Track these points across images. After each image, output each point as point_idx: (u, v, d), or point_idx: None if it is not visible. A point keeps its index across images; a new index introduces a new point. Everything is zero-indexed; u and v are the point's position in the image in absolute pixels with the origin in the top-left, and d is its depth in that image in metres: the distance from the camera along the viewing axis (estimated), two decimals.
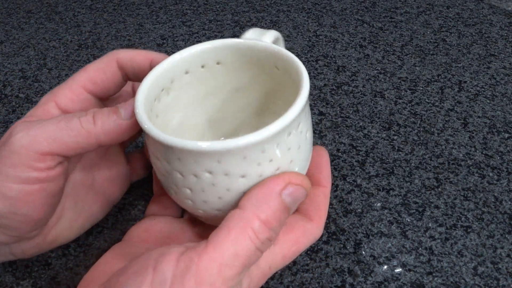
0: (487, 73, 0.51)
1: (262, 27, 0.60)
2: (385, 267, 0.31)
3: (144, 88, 0.26)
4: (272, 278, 0.30)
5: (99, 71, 0.29)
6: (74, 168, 0.30)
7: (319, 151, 0.30)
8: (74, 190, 0.30)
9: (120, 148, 0.33)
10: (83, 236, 0.33)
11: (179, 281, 0.21)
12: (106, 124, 0.26)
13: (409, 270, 0.31)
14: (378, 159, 0.40)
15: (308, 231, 0.27)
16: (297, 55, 0.54)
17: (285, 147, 0.23)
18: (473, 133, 0.43)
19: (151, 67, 0.29)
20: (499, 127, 0.43)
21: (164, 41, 0.57)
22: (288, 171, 0.24)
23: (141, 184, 0.37)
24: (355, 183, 0.37)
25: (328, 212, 0.35)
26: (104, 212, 0.32)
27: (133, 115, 0.26)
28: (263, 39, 0.28)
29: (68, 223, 0.30)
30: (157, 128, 0.23)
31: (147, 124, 0.23)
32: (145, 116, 0.24)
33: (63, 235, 0.30)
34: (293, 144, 0.24)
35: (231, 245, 0.22)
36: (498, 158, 0.40)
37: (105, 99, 0.31)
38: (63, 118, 0.26)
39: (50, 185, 0.26)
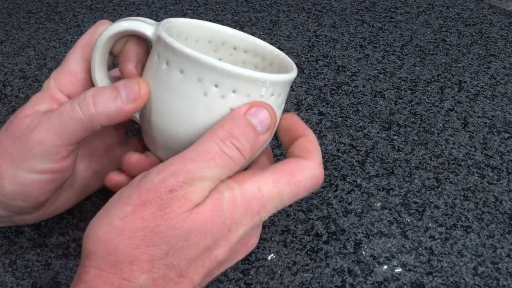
0: (487, 73, 0.51)
1: (262, 27, 0.60)
2: (385, 267, 0.31)
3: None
4: (272, 278, 0.30)
5: (89, 47, 0.30)
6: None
7: (288, 116, 0.31)
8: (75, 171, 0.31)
9: (122, 131, 0.34)
10: (83, 236, 0.33)
11: (143, 176, 0.24)
12: (107, 109, 0.26)
13: (409, 270, 0.31)
14: (378, 159, 0.40)
15: (301, 164, 0.27)
16: (297, 55, 0.54)
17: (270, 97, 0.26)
18: (473, 133, 0.43)
19: None
20: (499, 127, 0.43)
21: None
22: None
23: None
24: (355, 183, 0.37)
25: (328, 212, 0.35)
26: (101, 184, 0.34)
27: (134, 98, 0.27)
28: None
29: (67, 198, 0.32)
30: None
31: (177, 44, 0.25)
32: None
33: (62, 207, 0.33)
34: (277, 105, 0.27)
35: (196, 146, 0.24)
36: (498, 158, 0.40)
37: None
38: (65, 109, 0.26)
39: (62, 174, 0.28)
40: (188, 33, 0.31)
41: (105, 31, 0.27)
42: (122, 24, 0.27)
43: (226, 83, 0.25)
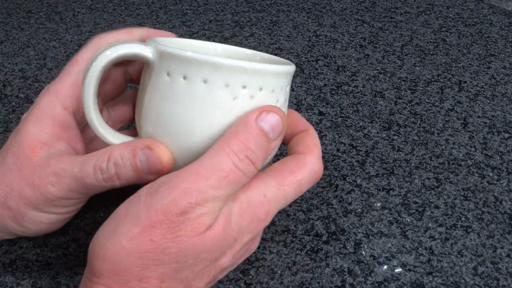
0: (487, 73, 0.51)
1: (262, 27, 0.60)
2: (385, 267, 0.31)
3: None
4: (272, 278, 0.30)
5: (103, 83, 0.29)
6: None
7: (288, 111, 0.30)
8: None
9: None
10: (83, 236, 0.33)
11: (152, 191, 0.23)
12: (130, 179, 0.26)
13: (409, 270, 0.31)
14: (378, 159, 0.40)
15: (302, 161, 0.27)
16: (297, 55, 0.54)
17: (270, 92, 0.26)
18: (473, 133, 0.43)
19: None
20: (499, 127, 0.43)
21: None
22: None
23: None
24: (355, 183, 0.37)
25: (328, 212, 0.35)
26: None
27: (157, 171, 0.26)
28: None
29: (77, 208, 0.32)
30: None
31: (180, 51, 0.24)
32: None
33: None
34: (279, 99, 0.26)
35: (209, 159, 0.23)
36: (498, 158, 0.40)
37: (103, 84, 0.31)
38: (88, 176, 0.26)
39: (81, 206, 0.29)
40: None
41: (99, 58, 0.25)
42: (120, 49, 0.25)
43: (254, 83, 0.25)
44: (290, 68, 0.26)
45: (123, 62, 0.30)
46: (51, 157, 0.27)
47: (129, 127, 0.40)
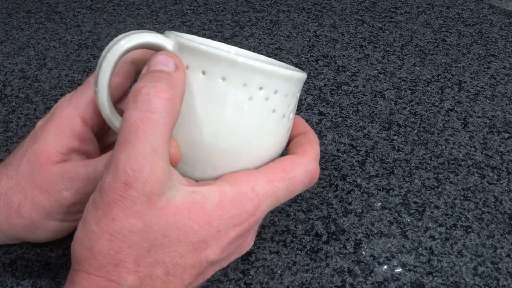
0: (487, 73, 0.51)
1: (262, 27, 0.60)
2: (385, 267, 0.31)
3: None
4: (272, 278, 0.30)
5: (114, 75, 0.28)
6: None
7: (295, 117, 0.30)
8: None
9: None
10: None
11: (104, 170, 0.23)
12: None
13: (409, 270, 0.31)
14: (378, 159, 0.40)
15: (295, 160, 0.27)
16: (297, 55, 0.54)
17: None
18: (473, 133, 0.43)
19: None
20: (499, 127, 0.43)
21: None
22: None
23: None
24: (355, 183, 0.37)
25: (328, 212, 0.35)
26: None
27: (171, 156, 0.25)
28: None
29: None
30: None
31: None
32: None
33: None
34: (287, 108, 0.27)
35: (122, 125, 0.23)
36: (498, 158, 0.40)
37: (121, 99, 0.31)
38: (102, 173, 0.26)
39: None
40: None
41: (119, 44, 0.24)
42: (141, 38, 0.24)
43: (271, 85, 0.25)
44: (303, 75, 0.27)
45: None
46: (66, 164, 0.27)
47: None
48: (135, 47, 0.25)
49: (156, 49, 0.25)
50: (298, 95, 0.28)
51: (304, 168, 0.27)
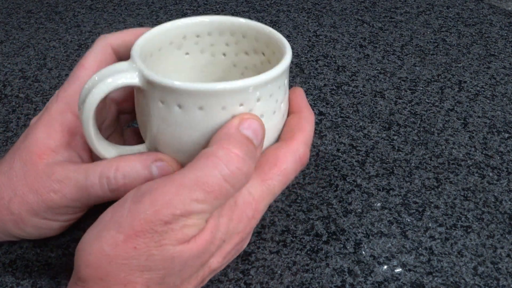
0: (487, 73, 0.51)
1: None
2: (385, 267, 0.31)
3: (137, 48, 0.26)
4: (272, 278, 0.30)
5: (99, 64, 0.28)
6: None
7: (294, 90, 0.29)
8: None
9: (119, 125, 0.33)
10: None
11: (136, 199, 0.22)
12: (134, 181, 0.26)
13: (409, 270, 0.31)
14: (378, 159, 0.40)
15: (282, 150, 0.26)
16: (297, 55, 0.54)
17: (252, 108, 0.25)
18: (473, 133, 0.43)
19: None
20: (499, 127, 0.43)
21: None
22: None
23: None
24: (355, 183, 0.37)
25: (328, 212, 0.35)
26: None
27: (165, 171, 0.26)
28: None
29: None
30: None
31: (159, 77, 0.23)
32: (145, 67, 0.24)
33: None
34: (264, 110, 0.25)
35: (195, 171, 0.22)
36: (498, 158, 0.40)
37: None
38: (93, 185, 0.26)
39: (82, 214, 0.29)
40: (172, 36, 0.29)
41: (89, 99, 0.24)
42: (107, 85, 0.24)
43: (250, 98, 0.24)
44: (284, 64, 0.25)
45: None
46: (56, 164, 0.27)
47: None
48: (105, 95, 0.24)
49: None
50: (286, 81, 0.27)
51: (293, 156, 0.26)
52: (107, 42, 0.29)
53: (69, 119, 0.28)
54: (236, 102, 0.24)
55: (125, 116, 0.33)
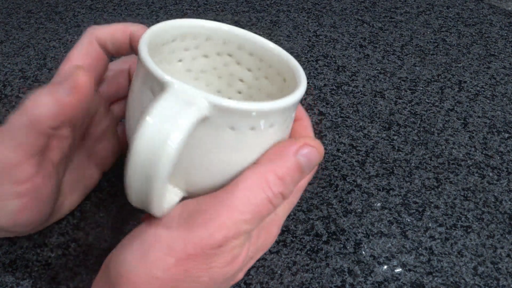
0: (487, 73, 0.51)
1: (262, 27, 0.60)
2: (385, 267, 0.31)
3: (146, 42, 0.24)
4: (272, 278, 0.30)
5: (84, 57, 0.28)
6: (65, 165, 0.30)
7: (301, 121, 0.30)
8: (68, 179, 0.31)
9: (111, 124, 0.32)
10: (83, 236, 0.33)
11: (185, 221, 0.22)
12: (47, 106, 0.24)
13: (409, 270, 0.31)
14: (378, 159, 0.40)
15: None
16: (297, 55, 0.54)
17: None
18: (473, 133, 0.43)
19: (130, 40, 0.28)
20: (499, 127, 0.43)
21: None
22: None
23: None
24: (355, 183, 0.37)
25: (328, 212, 0.35)
26: (100, 174, 0.33)
27: (72, 88, 0.24)
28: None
29: (69, 205, 0.32)
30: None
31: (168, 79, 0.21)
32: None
33: (66, 211, 0.32)
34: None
35: (244, 191, 0.22)
36: (498, 158, 0.40)
37: (97, 82, 0.30)
38: (12, 119, 0.24)
39: (41, 193, 0.26)
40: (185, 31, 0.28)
41: (162, 163, 0.19)
42: (181, 133, 0.19)
43: (286, 115, 0.24)
44: (302, 91, 0.24)
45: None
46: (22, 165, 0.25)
47: None
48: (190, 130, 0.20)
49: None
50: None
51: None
52: (93, 36, 0.28)
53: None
54: (279, 120, 0.23)
55: (119, 106, 0.33)
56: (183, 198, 0.25)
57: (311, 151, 0.24)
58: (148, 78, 0.22)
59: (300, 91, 0.24)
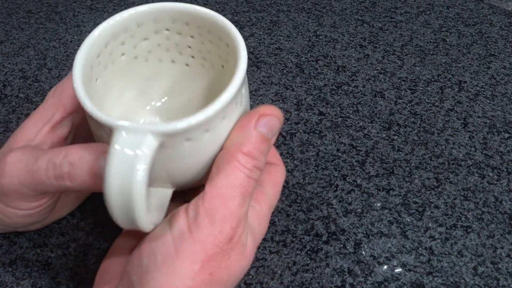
0: (487, 73, 0.51)
1: (262, 27, 0.60)
2: (385, 267, 0.31)
3: (81, 58, 0.26)
4: (272, 278, 0.30)
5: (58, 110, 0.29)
6: None
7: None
8: None
9: None
10: (83, 236, 0.33)
11: (194, 226, 0.23)
12: (83, 181, 0.25)
13: (409, 270, 0.31)
14: (378, 159, 0.40)
15: (277, 170, 0.29)
16: (297, 55, 0.54)
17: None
18: (473, 133, 0.43)
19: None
20: (499, 127, 0.43)
21: None
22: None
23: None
24: (355, 183, 0.37)
25: (328, 212, 0.35)
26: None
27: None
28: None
29: (72, 202, 0.33)
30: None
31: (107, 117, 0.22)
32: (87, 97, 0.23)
33: (63, 213, 0.33)
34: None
35: (225, 179, 0.24)
36: (498, 158, 0.40)
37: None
38: (39, 169, 0.25)
39: (47, 205, 0.28)
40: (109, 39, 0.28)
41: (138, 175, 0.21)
42: (142, 173, 0.21)
43: (230, 111, 0.25)
44: (241, 75, 0.24)
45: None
46: (18, 148, 0.26)
47: None
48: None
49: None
50: (246, 87, 0.26)
51: (283, 174, 0.30)
52: (59, 100, 0.30)
53: (58, 116, 0.28)
54: (229, 111, 0.24)
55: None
56: (174, 192, 0.27)
57: (268, 119, 0.25)
58: (97, 123, 0.23)
59: (238, 77, 0.24)
